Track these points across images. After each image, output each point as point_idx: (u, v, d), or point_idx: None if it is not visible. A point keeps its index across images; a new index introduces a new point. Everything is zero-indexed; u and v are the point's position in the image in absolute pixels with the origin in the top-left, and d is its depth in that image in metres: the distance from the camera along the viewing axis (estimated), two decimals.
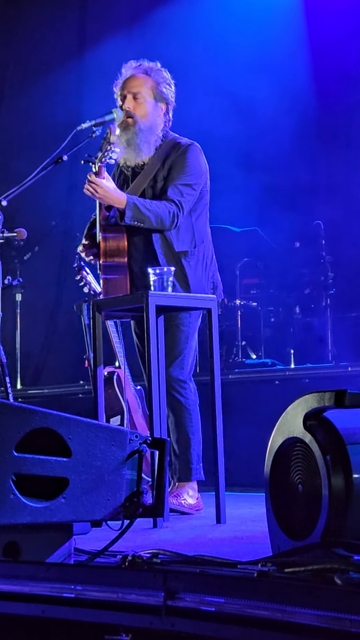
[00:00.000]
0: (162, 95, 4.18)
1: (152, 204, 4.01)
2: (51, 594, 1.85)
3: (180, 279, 4.05)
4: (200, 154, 4.17)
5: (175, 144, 4.18)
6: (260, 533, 2.89)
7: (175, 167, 4.12)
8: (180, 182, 4.07)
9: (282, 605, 1.54)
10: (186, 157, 4.12)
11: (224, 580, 1.64)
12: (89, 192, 4.00)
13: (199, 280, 4.12)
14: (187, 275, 4.08)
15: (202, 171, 4.15)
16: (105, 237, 4.05)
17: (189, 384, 4.14)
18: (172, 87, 4.22)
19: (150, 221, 4.00)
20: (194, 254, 4.12)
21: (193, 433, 4.11)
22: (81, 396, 6.35)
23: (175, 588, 1.62)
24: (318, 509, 2.31)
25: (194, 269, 4.11)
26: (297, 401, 2.49)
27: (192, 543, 3.14)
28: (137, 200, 4.01)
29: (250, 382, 5.78)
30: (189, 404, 4.11)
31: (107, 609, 1.71)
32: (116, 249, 4.05)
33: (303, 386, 5.41)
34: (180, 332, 4.12)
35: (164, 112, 4.20)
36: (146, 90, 4.17)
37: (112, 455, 2.42)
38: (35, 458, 2.32)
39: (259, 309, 6.80)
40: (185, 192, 4.07)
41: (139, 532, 3.33)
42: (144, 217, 3.98)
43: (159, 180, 4.15)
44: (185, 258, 4.09)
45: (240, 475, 5.04)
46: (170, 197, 4.04)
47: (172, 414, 4.12)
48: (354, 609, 1.47)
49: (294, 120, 7.03)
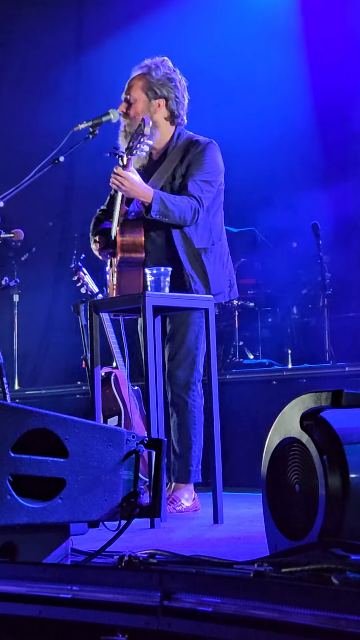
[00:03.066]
0: (156, 93, 4.16)
1: (177, 199, 4.01)
2: (48, 594, 1.85)
3: (200, 275, 4.05)
4: (218, 152, 4.17)
5: (194, 142, 4.18)
6: (258, 533, 2.89)
7: (194, 163, 4.11)
8: (200, 179, 4.07)
9: (278, 605, 1.53)
10: (205, 154, 4.12)
11: (221, 581, 1.64)
12: (115, 184, 3.97)
13: (218, 278, 4.12)
14: (207, 272, 4.08)
15: (220, 169, 4.16)
16: (123, 232, 4.03)
17: (198, 385, 4.13)
18: (176, 82, 4.17)
19: (174, 216, 3.99)
20: (213, 251, 4.12)
21: (195, 435, 4.11)
22: (79, 397, 6.34)
23: (171, 588, 1.62)
24: (315, 508, 2.31)
25: (213, 265, 4.11)
26: (294, 401, 2.49)
27: (189, 543, 3.14)
28: (163, 195, 3.99)
29: (248, 382, 5.78)
30: (195, 406, 4.11)
31: (104, 609, 1.71)
32: (132, 244, 4.03)
33: (300, 386, 5.40)
34: (192, 332, 4.12)
35: (162, 108, 4.18)
36: (137, 91, 4.17)
37: (109, 455, 2.42)
38: (32, 459, 2.32)
39: (256, 309, 6.81)
40: (204, 188, 4.07)
41: (136, 533, 3.33)
42: (168, 211, 3.97)
43: (177, 177, 4.14)
44: (206, 254, 4.09)
45: (238, 475, 5.04)
46: (191, 193, 4.03)
47: (176, 414, 4.11)
48: (350, 609, 1.47)
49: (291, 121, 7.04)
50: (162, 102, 4.18)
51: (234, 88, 7.06)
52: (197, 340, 4.12)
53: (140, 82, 4.18)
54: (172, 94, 4.18)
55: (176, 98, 4.19)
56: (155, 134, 4.15)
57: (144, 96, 4.17)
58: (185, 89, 4.23)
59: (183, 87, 4.22)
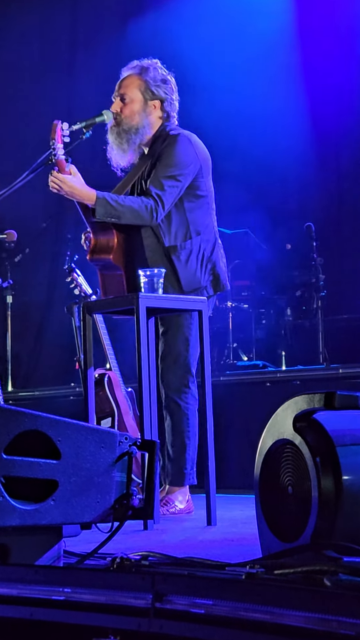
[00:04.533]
0: (152, 94, 4.16)
1: (126, 199, 3.95)
2: (40, 596, 1.85)
3: (169, 275, 3.98)
4: (188, 143, 4.08)
5: (166, 135, 4.13)
6: (251, 535, 2.89)
7: (159, 159, 4.07)
8: (163, 175, 4.01)
9: (270, 607, 1.53)
10: (171, 148, 4.06)
11: (213, 583, 1.63)
12: (55, 188, 3.93)
13: (192, 274, 4.05)
14: (178, 271, 4.02)
15: (189, 161, 4.06)
16: (96, 234, 4.00)
17: (191, 388, 4.10)
18: (170, 84, 4.17)
19: (126, 216, 3.92)
20: (185, 248, 4.06)
21: (189, 438, 4.09)
22: (72, 398, 6.34)
23: (163, 590, 1.62)
24: (308, 510, 2.31)
25: (184, 263, 4.04)
26: (286, 403, 2.48)
27: (182, 545, 3.14)
28: (107, 196, 3.93)
29: (242, 384, 5.78)
30: (188, 408, 4.08)
31: (96, 611, 1.71)
32: (105, 245, 4.01)
33: (294, 388, 5.41)
34: (182, 334, 4.09)
35: (157, 109, 4.18)
36: (133, 91, 4.16)
37: (101, 457, 2.42)
38: (24, 460, 2.31)
39: (250, 311, 6.81)
40: (167, 184, 3.99)
41: (129, 534, 3.32)
42: (117, 212, 3.91)
43: (146, 175, 4.12)
44: (176, 253, 4.03)
45: (231, 477, 5.04)
46: (150, 191, 3.98)
47: (169, 417, 4.10)
48: (342, 611, 1.47)
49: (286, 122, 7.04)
50: (157, 104, 4.18)
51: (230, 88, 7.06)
52: (187, 343, 4.09)
53: (137, 81, 4.16)
54: (168, 95, 4.18)
55: (170, 100, 4.19)
56: (148, 134, 4.15)
57: (141, 96, 4.16)
58: (176, 92, 4.22)
59: (175, 90, 4.22)
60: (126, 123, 4.12)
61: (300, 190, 7.16)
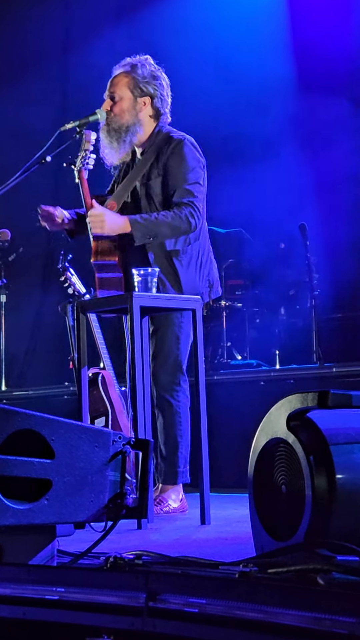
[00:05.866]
0: (142, 91, 4.14)
1: (159, 215, 3.93)
2: (33, 596, 1.84)
3: (171, 279, 4.00)
4: (194, 148, 4.12)
5: (168, 138, 4.12)
6: (245, 534, 2.89)
7: (174, 169, 4.05)
8: (187, 183, 4.01)
9: (264, 606, 1.53)
10: (182, 156, 4.06)
11: (206, 582, 1.63)
12: (97, 230, 3.92)
13: (192, 280, 4.06)
14: (179, 275, 4.03)
15: (201, 164, 4.11)
16: (97, 237, 4.00)
17: (182, 386, 4.10)
18: (161, 80, 4.16)
19: (163, 232, 3.91)
20: (187, 252, 4.07)
21: (181, 436, 4.09)
22: (66, 397, 6.33)
23: (157, 589, 1.62)
24: (301, 509, 2.31)
25: (185, 268, 4.05)
26: (280, 402, 2.49)
27: (176, 544, 3.14)
28: (139, 218, 3.92)
29: (236, 383, 5.78)
30: (180, 406, 4.08)
31: (89, 610, 1.70)
32: (108, 248, 4.00)
33: (288, 387, 5.41)
34: (172, 333, 4.09)
35: (147, 106, 4.17)
36: (122, 89, 4.15)
37: (95, 456, 2.42)
38: (18, 460, 2.31)
39: (244, 310, 6.81)
40: (195, 190, 4.01)
41: (123, 534, 3.32)
42: (155, 231, 3.89)
43: (153, 177, 4.10)
44: (178, 257, 4.04)
45: (225, 476, 5.04)
46: (181, 202, 3.96)
47: (161, 415, 4.10)
48: (336, 610, 1.47)
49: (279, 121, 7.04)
50: (147, 100, 4.16)
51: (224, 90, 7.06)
52: (178, 342, 4.09)
53: (126, 79, 4.16)
54: (158, 91, 4.16)
55: (161, 96, 4.17)
56: (139, 132, 4.14)
57: (130, 94, 4.15)
58: (168, 87, 4.21)
59: (167, 85, 4.20)
60: (116, 121, 4.11)
61: (294, 189, 7.15)
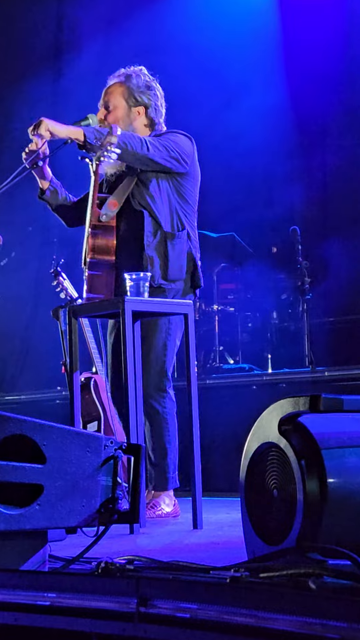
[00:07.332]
0: (136, 100, 4.16)
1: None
2: (24, 601, 1.84)
3: (161, 259, 4.00)
4: (182, 135, 4.11)
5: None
6: (237, 538, 2.88)
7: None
8: (166, 137, 4.03)
9: (255, 611, 1.53)
10: (166, 134, 4.10)
11: (197, 587, 1.63)
12: (42, 130, 3.85)
13: (179, 265, 4.05)
14: (169, 258, 4.02)
15: (184, 145, 4.07)
16: (95, 234, 3.99)
17: (169, 392, 4.09)
18: (155, 90, 4.18)
19: (127, 145, 3.85)
20: (180, 238, 4.07)
21: (169, 442, 4.08)
22: (58, 402, 6.32)
23: (148, 594, 1.62)
24: (293, 513, 2.31)
25: (177, 253, 4.05)
26: (272, 406, 2.49)
27: (168, 549, 3.13)
28: (93, 128, 3.91)
29: (228, 387, 5.79)
30: (166, 413, 4.07)
31: (80, 616, 1.70)
32: (105, 246, 3.99)
33: (280, 391, 5.42)
34: (158, 339, 4.08)
35: (141, 116, 4.17)
36: (117, 98, 4.16)
37: (87, 461, 2.41)
38: (9, 465, 2.30)
39: (236, 314, 6.81)
40: (155, 140, 3.99)
41: (115, 539, 3.31)
42: (102, 133, 3.83)
43: (134, 195, 4.10)
44: (172, 241, 4.04)
45: (217, 480, 5.04)
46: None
47: (148, 422, 4.09)
48: (327, 614, 1.47)
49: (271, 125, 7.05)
50: (141, 110, 4.18)
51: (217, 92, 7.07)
52: (165, 347, 4.08)
53: (120, 89, 4.17)
54: (152, 101, 4.18)
55: (155, 106, 4.19)
56: None
57: (124, 103, 4.16)
58: (162, 97, 4.22)
59: (161, 96, 4.22)
60: None
61: (286, 194, 7.17)
